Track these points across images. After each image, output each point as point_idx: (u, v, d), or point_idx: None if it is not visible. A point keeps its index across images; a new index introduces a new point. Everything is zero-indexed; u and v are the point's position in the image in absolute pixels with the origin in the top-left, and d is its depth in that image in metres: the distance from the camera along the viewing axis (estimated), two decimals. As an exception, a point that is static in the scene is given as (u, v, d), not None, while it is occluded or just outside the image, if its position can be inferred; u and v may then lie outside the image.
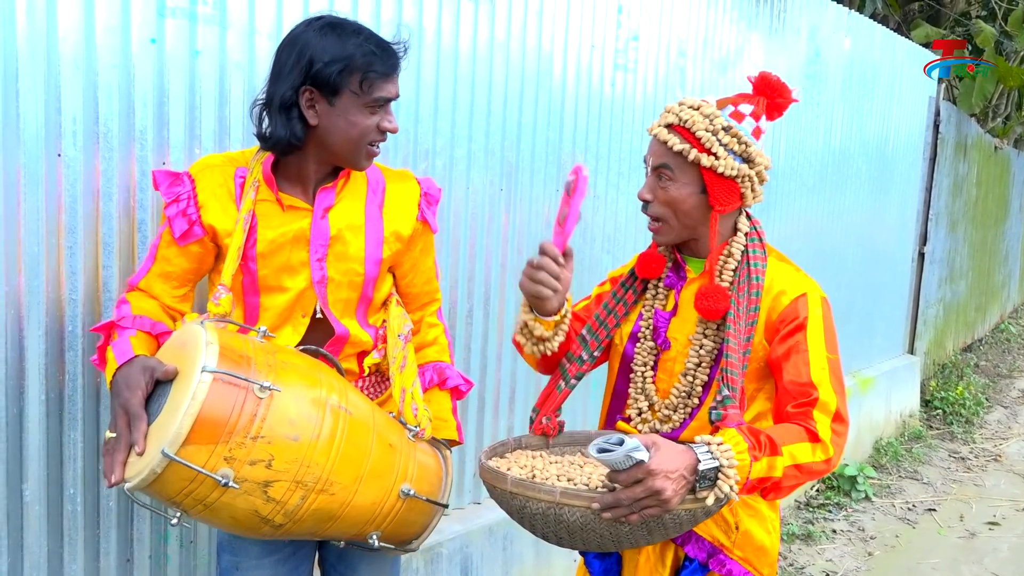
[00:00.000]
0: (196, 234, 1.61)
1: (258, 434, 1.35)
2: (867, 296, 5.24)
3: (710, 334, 1.58)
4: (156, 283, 1.64)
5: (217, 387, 1.33)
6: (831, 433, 1.44)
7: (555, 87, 2.82)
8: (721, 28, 3.59)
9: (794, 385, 1.49)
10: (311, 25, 1.60)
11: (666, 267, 1.69)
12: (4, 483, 1.71)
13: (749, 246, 1.61)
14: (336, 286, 1.68)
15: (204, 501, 1.36)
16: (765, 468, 1.36)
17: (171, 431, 1.30)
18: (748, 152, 1.54)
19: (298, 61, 1.56)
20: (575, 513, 1.31)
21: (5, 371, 1.69)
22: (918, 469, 5.13)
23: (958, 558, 3.95)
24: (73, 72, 1.70)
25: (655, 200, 1.58)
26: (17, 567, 1.76)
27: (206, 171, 1.63)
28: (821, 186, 4.56)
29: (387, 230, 1.72)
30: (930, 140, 5.96)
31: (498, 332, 2.76)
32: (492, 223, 2.68)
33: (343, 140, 1.60)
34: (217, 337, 1.39)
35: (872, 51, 4.89)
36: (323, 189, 1.66)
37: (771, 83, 1.59)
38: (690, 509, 1.33)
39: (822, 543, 3.96)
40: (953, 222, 6.94)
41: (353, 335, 1.70)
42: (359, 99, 1.57)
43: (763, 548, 1.63)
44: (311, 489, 1.41)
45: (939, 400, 6.35)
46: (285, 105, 1.57)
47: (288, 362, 1.47)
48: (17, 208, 1.67)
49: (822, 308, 1.56)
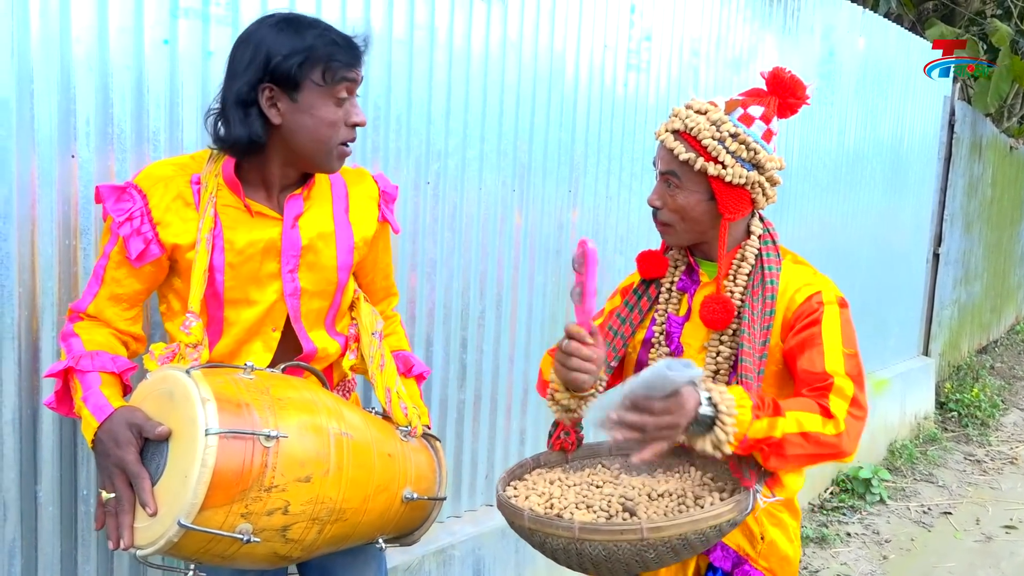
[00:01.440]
0: (153, 254, 1.49)
1: (271, 484, 1.32)
2: (881, 297, 5.20)
3: (726, 340, 1.55)
4: (107, 307, 1.52)
5: (224, 446, 1.27)
6: (846, 414, 1.40)
7: (567, 87, 2.80)
8: (734, 28, 3.57)
9: (808, 374, 1.46)
10: (265, 22, 1.50)
11: (678, 270, 1.67)
12: (18, 484, 1.72)
13: (763, 249, 1.58)
14: (308, 297, 1.60)
15: (223, 555, 1.34)
16: (765, 428, 1.34)
17: (185, 500, 1.25)
18: (757, 158, 1.51)
19: (254, 58, 1.45)
20: (596, 547, 1.29)
21: (19, 372, 1.69)
22: (933, 472, 5.09)
23: (974, 562, 3.91)
24: (87, 73, 1.71)
25: (664, 207, 1.57)
26: (31, 568, 1.76)
27: (159, 184, 1.50)
28: (835, 186, 4.53)
29: (356, 236, 1.66)
30: (945, 140, 5.91)
31: (510, 333, 2.75)
32: (504, 224, 2.67)
33: (311, 139, 1.49)
34: (211, 390, 1.31)
35: (887, 50, 4.85)
36: (291, 196, 1.56)
37: (784, 82, 1.55)
38: (715, 525, 1.31)
39: (836, 546, 3.93)
40: (968, 223, 6.89)
41: (321, 349, 1.63)
42: (323, 91, 1.47)
43: (787, 558, 1.61)
44: (326, 522, 1.41)
45: (954, 402, 6.30)
46: (242, 102, 1.46)
47: (284, 397, 1.41)
48: (32, 209, 1.67)
49: (838, 305, 1.54)
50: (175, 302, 1.57)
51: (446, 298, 2.53)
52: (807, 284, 1.55)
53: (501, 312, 2.71)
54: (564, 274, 2.91)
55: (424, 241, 2.44)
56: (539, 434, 2.90)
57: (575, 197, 2.90)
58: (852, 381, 1.44)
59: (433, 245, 2.46)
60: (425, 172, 2.40)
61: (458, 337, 2.58)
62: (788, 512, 1.63)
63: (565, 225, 2.88)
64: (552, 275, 2.86)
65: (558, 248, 2.86)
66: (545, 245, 2.82)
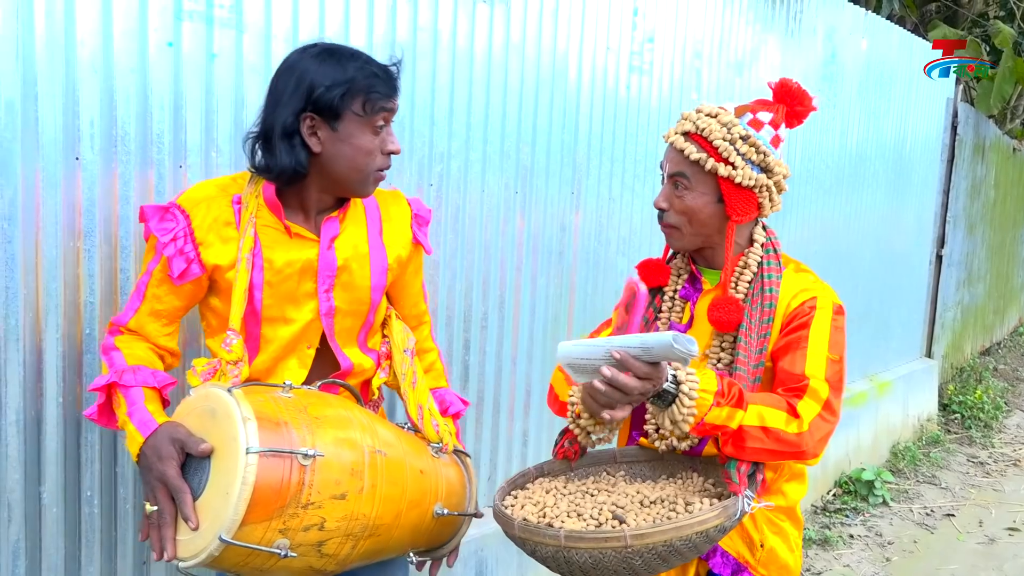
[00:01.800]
0: (194, 273, 1.54)
1: (308, 501, 1.36)
2: (884, 299, 5.20)
3: (727, 347, 1.56)
4: (147, 322, 1.57)
5: (264, 464, 1.31)
6: (814, 416, 1.42)
7: (570, 89, 2.81)
8: (737, 30, 3.57)
9: (786, 374, 1.49)
10: (307, 52, 1.55)
11: (681, 278, 1.67)
12: (22, 485, 1.72)
13: (764, 258, 1.59)
14: (342, 316, 1.65)
15: (261, 569, 1.38)
16: (724, 417, 1.37)
17: (226, 517, 1.29)
18: (766, 162, 1.52)
19: (297, 87, 1.51)
20: (583, 555, 1.30)
21: (23, 373, 1.70)
22: (936, 474, 5.08)
23: (977, 564, 3.90)
24: (91, 76, 1.71)
25: (671, 209, 1.57)
26: (35, 569, 1.76)
27: (201, 205, 1.55)
28: (838, 188, 4.53)
29: (390, 257, 1.70)
30: (947, 142, 5.91)
31: (513, 335, 2.75)
32: (507, 226, 2.67)
33: (348, 167, 1.55)
34: (252, 409, 1.36)
35: (889, 52, 4.85)
36: (328, 219, 1.61)
37: (791, 91, 1.57)
38: (703, 531, 1.32)
39: (839, 548, 3.93)
40: (971, 224, 6.88)
41: (357, 365, 1.68)
42: (362, 121, 1.53)
43: (787, 567, 1.61)
44: (360, 537, 1.44)
45: (957, 404, 6.29)
46: (287, 132, 1.51)
47: (321, 416, 1.44)
48: (36, 212, 1.68)
49: (832, 312, 1.54)
50: (213, 320, 1.62)
51: (449, 300, 2.54)
52: (804, 290, 1.56)
53: (504, 314, 2.71)
54: (567, 276, 2.91)
55: (427, 243, 2.44)
56: (541, 436, 2.90)
57: (578, 199, 2.90)
58: (829, 386, 1.46)
59: (436, 247, 2.46)
60: (428, 174, 2.40)
61: (461, 339, 2.59)
62: (790, 520, 1.63)
63: (568, 227, 2.89)
64: (555, 277, 2.87)
65: (561, 250, 2.87)
66: (548, 247, 2.82)
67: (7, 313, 1.66)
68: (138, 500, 1.89)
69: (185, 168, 1.87)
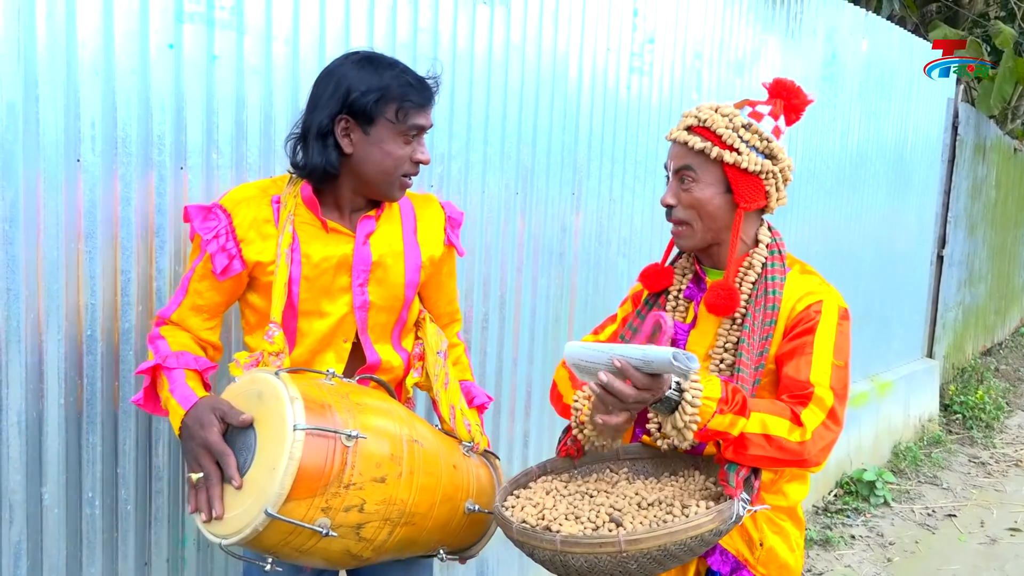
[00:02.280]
0: (235, 269, 1.61)
1: (350, 482, 1.39)
2: (885, 299, 5.20)
3: (730, 347, 1.56)
4: (189, 316, 1.64)
5: (310, 442, 1.35)
6: (818, 425, 1.42)
7: (571, 90, 2.81)
8: (737, 30, 3.58)
9: (791, 380, 1.48)
10: (348, 58, 1.62)
11: (686, 278, 1.67)
12: (24, 486, 1.72)
13: (769, 259, 1.59)
14: (376, 311, 1.70)
15: (301, 548, 1.40)
16: (726, 424, 1.38)
17: (272, 491, 1.33)
18: (770, 148, 1.54)
19: (335, 91, 1.57)
20: (579, 559, 1.31)
21: (24, 375, 1.70)
22: (938, 474, 5.08)
23: (979, 564, 3.90)
24: (92, 78, 1.72)
25: (679, 204, 1.57)
26: (37, 570, 1.77)
27: (242, 204, 1.62)
28: (838, 188, 4.53)
29: (424, 255, 1.76)
30: (948, 142, 5.91)
31: (514, 336, 2.75)
32: (508, 227, 2.67)
33: (377, 170, 1.61)
34: (299, 391, 1.40)
35: (890, 53, 4.85)
36: (364, 218, 1.68)
37: (786, 86, 1.59)
38: (696, 536, 1.32)
39: (840, 548, 3.93)
40: (972, 225, 6.88)
41: (385, 361, 1.72)
42: (394, 128, 1.59)
43: (787, 566, 1.61)
44: (397, 523, 1.47)
45: (958, 404, 6.29)
46: (322, 133, 1.58)
47: (363, 403, 1.49)
48: (37, 213, 1.68)
49: (837, 316, 1.54)
50: (252, 317, 1.68)
51: (450, 301, 2.54)
52: (810, 293, 1.56)
53: (504, 315, 2.72)
54: (567, 277, 2.91)
55: (428, 244, 2.44)
56: (542, 436, 2.90)
57: (578, 200, 2.90)
58: (834, 394, 1.46)
59: (437, 248, 2.46)
60: (428, 176, 2.41)
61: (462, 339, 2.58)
62: (791, 520, 1.63)
63: (568, 228, 2.89)
64: (556, 278, 2.87)
65: (561, 251, 2.87)
66: (549, 248, 2.82)
67: (8, 315, 1.67)
68: (139, 501, 1.90)
69: (186, 170, 1.87)
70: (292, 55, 2.03)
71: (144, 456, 1.90)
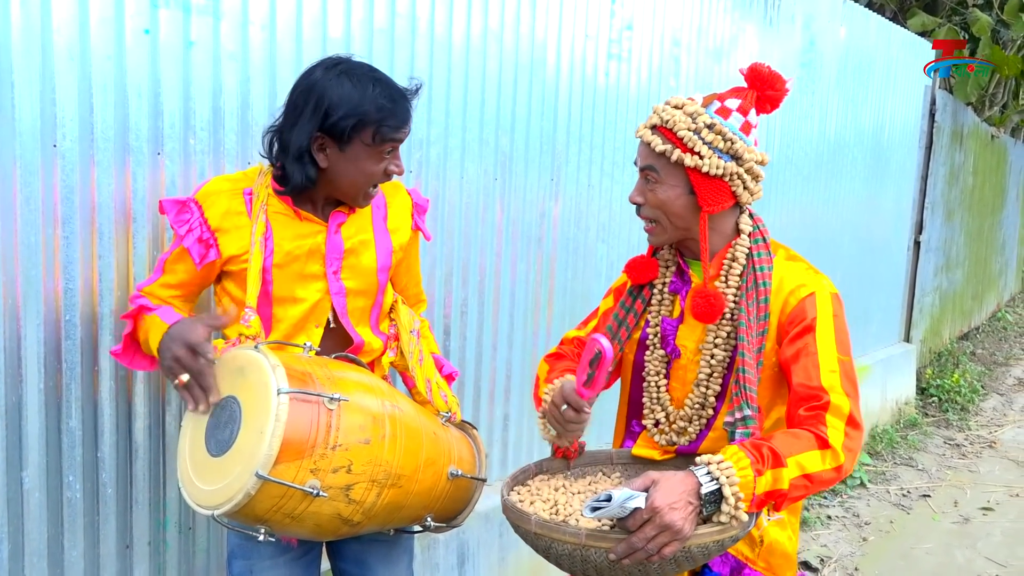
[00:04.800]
0: (211, 257, 1.66)
1: (336, 443, 1.44)
2: (862, 284, 5.26)
3: (720, 343, 1.54)
4: (163, 291, 1.69)
5: (294, 406, 1.40)
6: (843, 438, 1.39)
7: (549, 77, 2.83)
8: (715, 17, 3.60)
9: (804, 388, 1.44)
10: (330, 71, 1.61)
11: (669, 271, 1.66)
12: (4, 471, 1.73)
13: (753, 248, 1.56)
14: (354, 296, 1.75)
15: (292, 513, 1.43)
16: (771, 481, 1.33)
17: (261, 453, 1.37)
18: (734, 149, 1.50)
19: (316, 110, 1.59)
20: (601, 554, 1.29)
21: (4, 359, 1.71)
22: (913, 456, 5.16)
23: (951, 543, 3.98)
24: (68, 64, 1.72)
25: (645, 203, 1.56)
26: (18, 553, 1.78)
27: (212, 197, 1.67)
28: (816, 175, 4.58)
29: (395, 242, 1.81)
30: (926, 129, 5.98)
31: (493, 320, 2.78)
32: (487, 212, 2.69)
33: (349, 183, 1.65)
34: (279, 359, 1.45)
35: (867, 40, 4.90)
36: (335, 212, 1.72)
37: (762, 75, 1.55)
38: (718, 540, 1.31)
39: (817, 529, 3.99)
40: (949, 211, 6.96)
41: (367, 343, 1.78)
42: (370, 149, 1.62)
43: (786, 554, 1.61)
44: (384, 485, 1.51)
45: (935, 388, 6.38)
46: (300, 152, 1.61)
47: (341, 373, 1.54)
48: (13, 199, 1.68)
49: (832, 306, 1.51)
50: (228, 304, 1.73)
51: (428, 286, 2.55)
52: (801, 285, 1.53)
53: (484, 300, 2.74)
54: (546, 262, 2.94)
55: (406, 230, 2.46)
56: (522, 420, 2.94)
57: (557, 186, 2.93)
58: (848, 398, 1.43)
59: (415, 233, 2.48)
60: (407, 161, 2.42)
61: (441, 324, 2.61)
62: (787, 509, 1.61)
63: (547, 214, 2.91)
64: (535, 263, 2.89)
65: (540, 236, 2.89)
66: (527, 233, 2.85)
67: (-13, 300, 1.67)
68: (120, 485, 1.91)
69: (163, 155, 1.88)
70: (269, 40, 2.04)
71: (124, 440, 1.91)
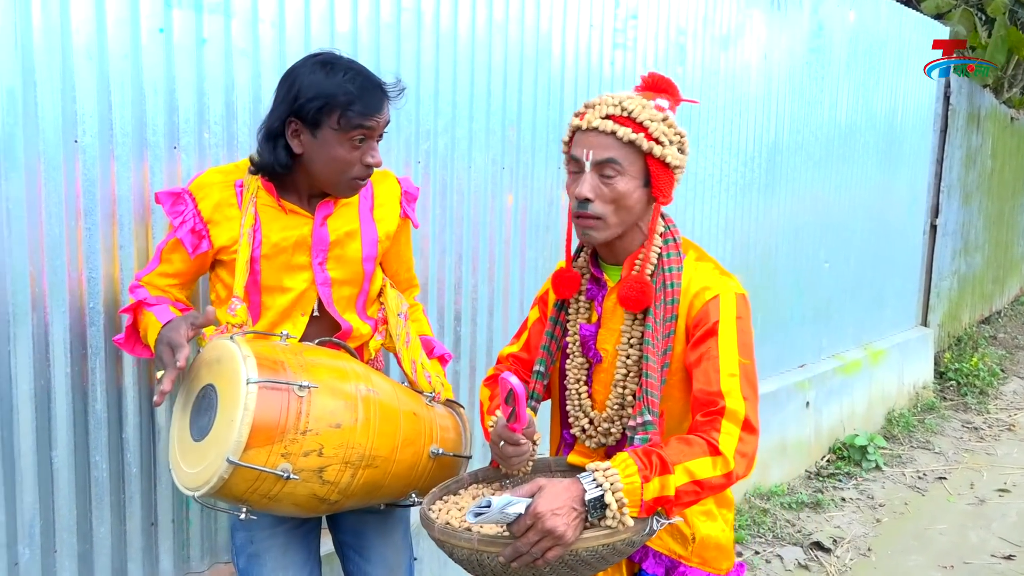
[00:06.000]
0: (204, 248, 1.73)
1: (306, 428, 1.50)
2: (877, 268, 5.26)
3: (635, 342, 1.55)
4: (160, 280, 1.77)
5: (264, 394, 1.46)
6: (736, 443, 1.40)
7: (554, 66, 2.88)
8: (722, 4, 3.63)
9: (703, 393, 1.45)
10: (308, 61, 1.68)
11: (585, 279, 1.65)
12: (34, 450, 1.83)
13: (664, 249, 1.56)
14: (339, 286, 1.80)
15: (268, 495, 1.51)
16: (659, 488, 1.34)
17: (231, 440, 1.44)
18: (683, 143, 1.51)
19: (287, 94, 1.65)
20: (494, 559, 1.33)
21: (33, 345, 1.80)
22: (930, 439, 5.17)
23: (966, 524, 4.00)
24: (87, 63, 1.80)
25: (597, 198, 1.49)
26: (49, 529, 1.88)
27: (204, 188, 1.73)
28: (827, 160, 4.59)
29: (380, 232, 1.85)
30: (940, 112, 5.95)
31: (503, 307, 2.84)
32: (495, 201, 2.75)
33: (325, 170, 1.69)
34: (251, 349, 1.51)
35: (878, 23, 4.89)
36: (322, 203, 1.77)
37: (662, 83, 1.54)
38: (607, 544, 1.33)
39: (831, 511, 4.03)
40: (967, 194, 6.91)
41: (355, 329, 1.83)
42: (338, 133, 1.65)
43: (720, 546, 1.63)
44: (359, 466, 1.57)
45: (953, 372, 6.36)
46: (272, 134, 1.67)
47: (315, 360, 1.60)
48: (38, 193, 1.77)
49: (736, 308, 1.50)
50: (222, 291, 1.79)
51: (439, 273, 2.63)
52: (705, 288, 1.52)
53: (494, 286, 2.80)
54: (555, 249, 3.00)
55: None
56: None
57: (564, 174, 2.97)
58: (745, 402, 1.44)
59: (424, 222, 2.55)
60: (415, 151, 2.49)
61: (452, 310, 2.68)
62: (714, 501, 1.63)
63: (555, 201, 2.97)
64: (543, 250, 2.95)
65: (548, 224, 2.95)
66: (536, 221, 2.91)
67: (16, 290, 1.76)
68: (144, 465, 2.00)
69: (179, 149, 1.96)
70: (279, 37, 2.11)
71: (147, 422, 2.00)
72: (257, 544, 1.78)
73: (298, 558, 1.79)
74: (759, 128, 4.01)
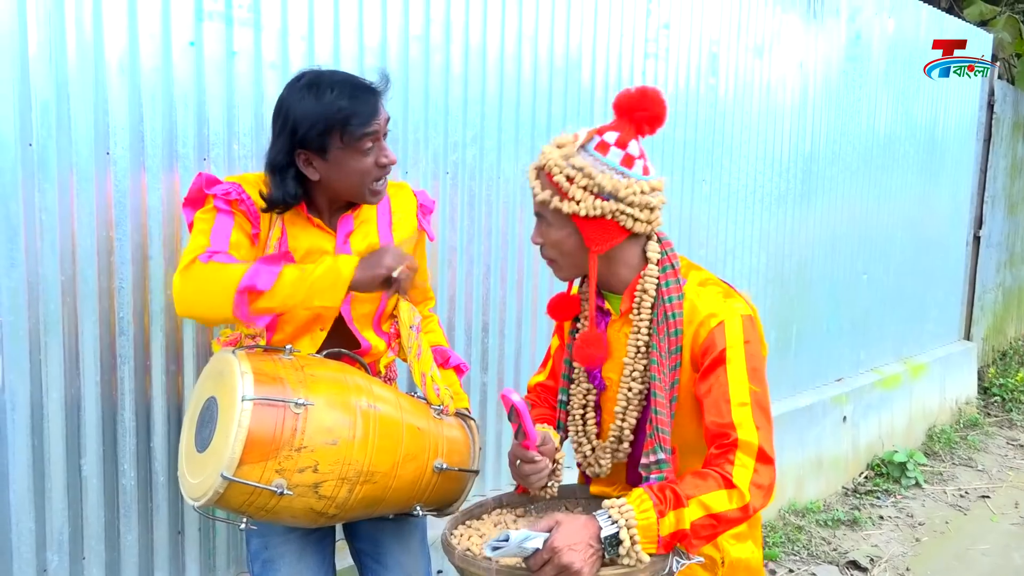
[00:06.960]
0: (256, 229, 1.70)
1: (301, 445, 1.49)
2: (917, 281, 5.15)
3: (638, 376, 1.53)
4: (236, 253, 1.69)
5: (258, 411, 1.46)
6: (751, 475, 1.38)
7: (584, 77, 2.87)
8: (756, 12, 3.59)
9: (715, 425, 1.43)
10: (293, 87, 1.67)
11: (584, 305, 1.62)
12: (64, 458, 1.85)
13: (662, 278, 1.52)
14: (360, 303, 1.81)
15: (265, 508, 1.51)
16: (674, 522, 1.33)
17: (226, 456, 1.45)
18: (610, 188, 1.44)
19: (284, 127, 1.65)
20: None
21: (64, 355, 1.83)
22: (973, 456, 5.03)
23: (1010, 544, 3.88)
24: (119, 76, 1.83)
25: (544, 243, 1.53)
26: (78, 536, 1.90)
27: (245, 184, 1.71)
28: (866, 170, 4.51)
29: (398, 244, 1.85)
30: (984, 121, 5.82)
31: (531, 320, 2.82)
32: (524, 211, 2.74)
33: (346, 184, 1.70)
34: (250, 365, 1.52)
35: (918, 31, 4.80)
36: (343, 217, 1.78)
37: (630, 99, 1.48)
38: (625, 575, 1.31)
39: (868, 529, 3.93)
40: (1012, 204, 6.75)
41: (374, 347, 1.84)
42: (346, 149, 1.65)
43: (750, 567, 1.60)
44: (356, 482, 1.56)
45: (998, 387, 6.20)
46: (278, 168, 1.67)
47: (316, 375, 1.59)
48: (71, 204, 1.80)
49: (743, 332, 1.47)
50: None
51: (467, 284, 2.62)
52: (711, 314, 1.48)
53: (522, 297, 2.79)
54: (585, 260, 2.97)
55: (444, 229, 2.53)
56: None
57: (594, 185, 2.96)
58: (757, 431, 1.42)
59: (452, 233, 2.55)
60: (444, 163, 2.49)
61: (480, 322, 2.67)
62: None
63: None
64: (573, 261, 2.93)
65: (578, 235, 2.92)
66: (565, 232, 2.88)
67: (47, 299, 1.79)
68: (171, 474, 2.02)
69: (209, 161, 1.98)
70: (308, 50, 2.13)
71: (175, 432, 2.02)
72: (272, 550, 1.78)
73: (312, 563, 1.79)
74: (795, 138, 3.95)
